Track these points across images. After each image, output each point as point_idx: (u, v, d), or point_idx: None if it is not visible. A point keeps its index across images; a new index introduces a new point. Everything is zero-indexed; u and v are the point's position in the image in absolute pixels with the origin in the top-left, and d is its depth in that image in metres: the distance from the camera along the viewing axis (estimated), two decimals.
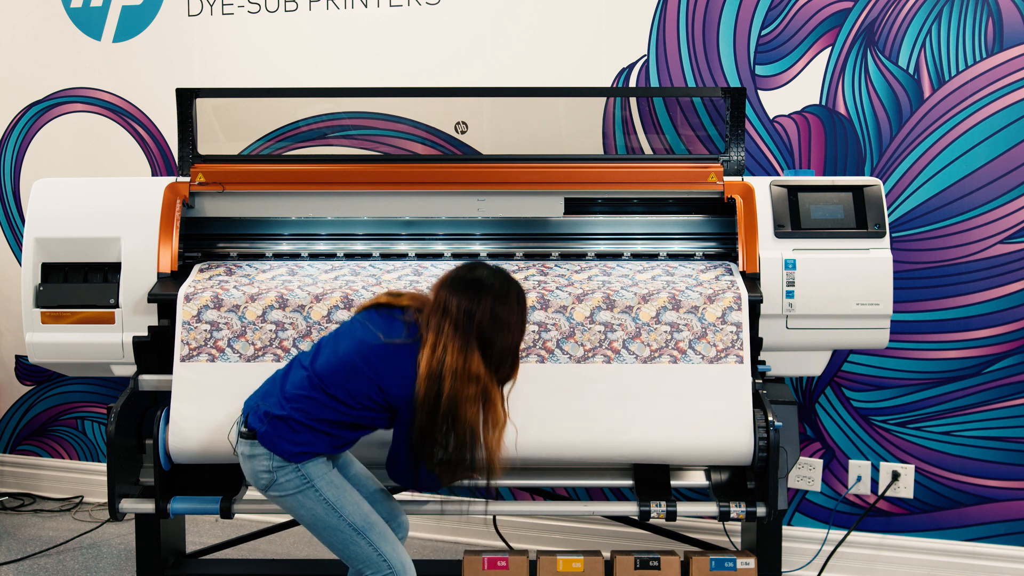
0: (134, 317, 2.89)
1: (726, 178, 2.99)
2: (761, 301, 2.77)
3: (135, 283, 2.89)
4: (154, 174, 4.11)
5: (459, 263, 2.89)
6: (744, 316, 2.72)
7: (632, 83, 3.56)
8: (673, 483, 2.82)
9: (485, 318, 2.33)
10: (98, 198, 2.98)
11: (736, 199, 2.93)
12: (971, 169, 3.25)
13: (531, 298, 2.76)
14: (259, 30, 3.89)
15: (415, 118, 3.74)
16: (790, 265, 2.84)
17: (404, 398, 2.32)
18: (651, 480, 2.78)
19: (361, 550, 2.39)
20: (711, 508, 2.71)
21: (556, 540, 3.69)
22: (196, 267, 2.93)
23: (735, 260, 2.92)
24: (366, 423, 2.40)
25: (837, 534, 3.42)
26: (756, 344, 2.79)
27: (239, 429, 2.41)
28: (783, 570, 3.08)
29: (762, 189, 2.94)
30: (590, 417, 2.69)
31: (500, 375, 2.40)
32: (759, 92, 3.44)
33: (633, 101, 3.54)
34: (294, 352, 2.74)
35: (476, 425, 2.33)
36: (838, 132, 3.37)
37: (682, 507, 2.70)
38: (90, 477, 4.32)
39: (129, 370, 2.93)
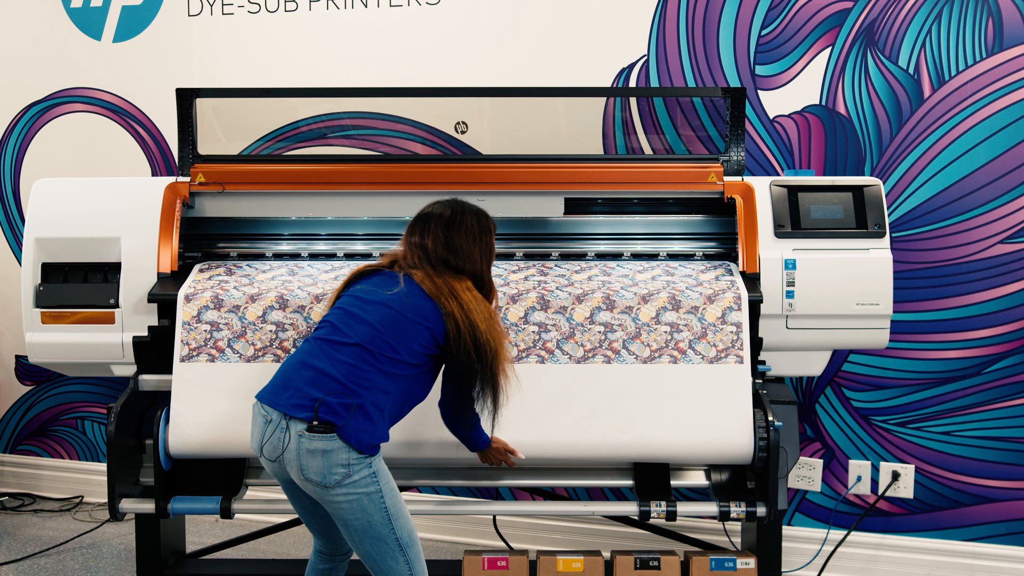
0: (134, 317, 2.90)
1: (726, 178, 2.99)
2: (761, 301, 2.78)
3: (135, 283, 2.89)
4: (154, 174, 4.11)
5: None
6: (744, 316, 2.72)
7: (632, 83, 3.56)
8: (673, 483, 2.82)
9: (439, 247, 2.41)
10: (98, 198, 2.98)
11: (736, 199, 2.93)
12: (971, 169, 3.25)
13: (531, 298, 2.76)
14: (259, 30, 3.89)
15: (415, 118, 3.74)
16: (790, 265, 2.84)
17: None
18: (651, 480, 2.79)
19: (397, 568, 2.30)
20: (711, 508, 2.71)
21: (556, 540, 3.68)
22: (196, 267, 2.93)
23: (735, 260, 2.92)
24: (418, 389, 2.38)
25: (837, 534, 3.42)
26: (756, 344, 2.79)
27: (296, 425, 2.22)
28: (783, 570, 3.08)
29: (762, 189, 2.94)
30: (590, 417, 2.69)
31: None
32: (759, 92, 3.44)
33: (633, 101, 3.54)
34: None
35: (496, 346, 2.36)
36: (838, 132, 3.37)
37: (682, 507, 2.70)
38: (90, 477, 4.32)
39: (129, 370, 2.93)
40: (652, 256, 2.98)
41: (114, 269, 2.94)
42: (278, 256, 3.02)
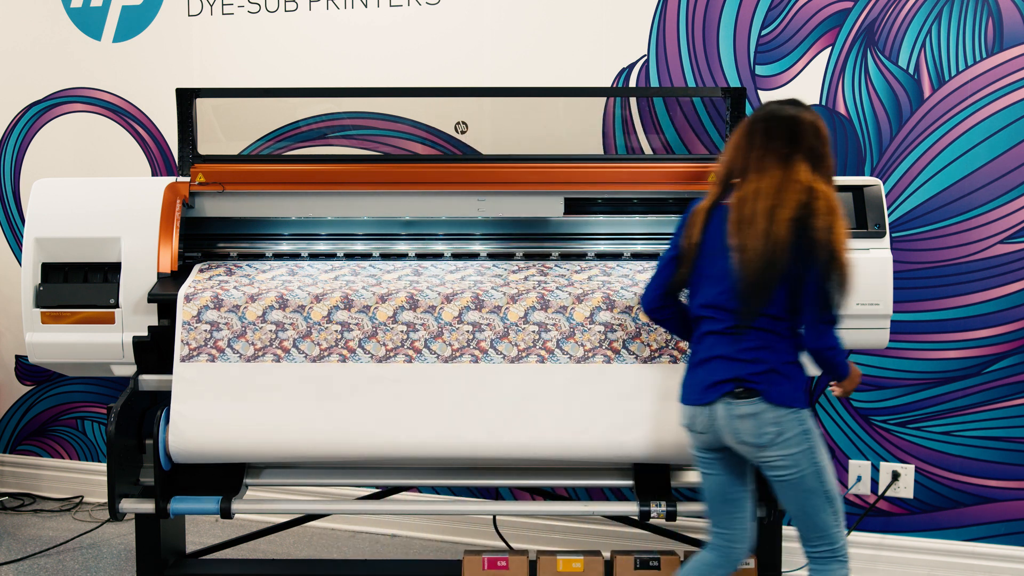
0: (134, 317, 2.89)
1: None
2: None
3: (135, 283, 2.89)
4: (154, 174, 4.11)
5: (457, 261, 2.90)
6: None
7: (632, 83, 3.56)
8: (673, 483, 2.82)
9: (783, 144, 2.32)
10: (98, 198, 2.98)
11: None
12: (971, 169, 3.25)
13: (531, 298, 2.76)
14: (259, 30, 3.89)
15: (415, 118, 3.74)
16: None
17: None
18: (651, 480, 2.78)
19: (827, 519, 2.36)
20: None
21: (556, 540, 3.68)
22: (196, 267, 2.93)
23: None
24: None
25: None
26: None
27: (723, 398, 2.33)
28: (783, 570, 3.08)
29: None
30: (590, 417, 2.69)
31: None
32: (759, 92, 3.44)
33: (633, 101, 3.54)
34: (294, 352, 2.74)
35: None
36: (838, 132, 3.37)
37: (682, 507, 2.70)
38: (90, 477, 4.32)
39: (129, 370, 2.93)
40: (652, 256, 2.98)
41: (114, 269, 2.93)
42: (278, 256, 3.02)
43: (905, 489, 3.38)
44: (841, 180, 2.94)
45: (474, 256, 3.00)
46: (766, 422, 2.31)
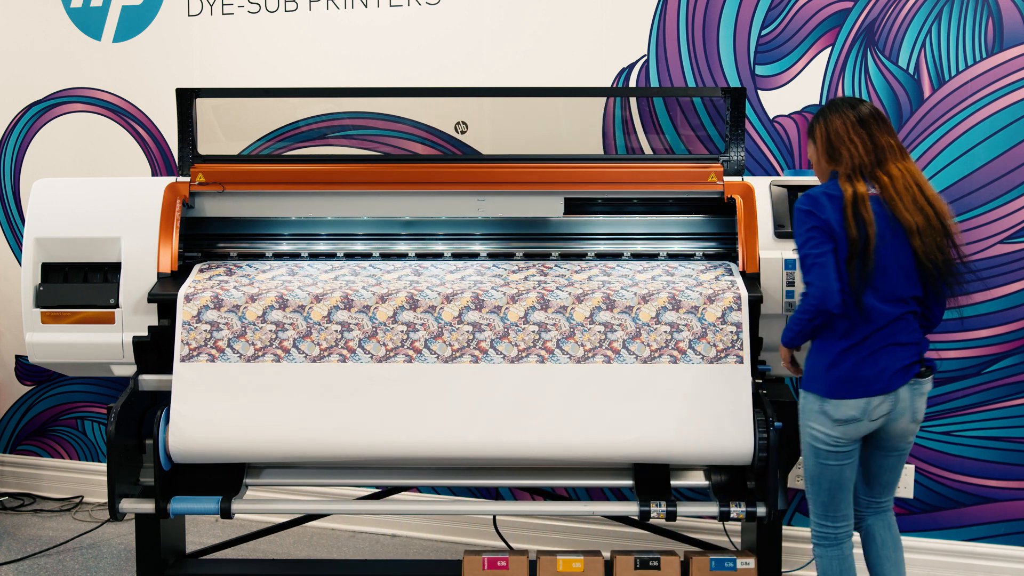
0: (134, 317, 2.90)
1: (726, 178, 2.99)
2: (761, 301, 2.78)
3: (135, 283, 2.89)
4: (154, 174, 4.11)
5: (457, 261, 2.90)
6: (744, 316, 2.72)
7: (632, 83, 3.56)
8: (673, 483, 2.82)
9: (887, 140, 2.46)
10: (98, 198, 2.99)
11: (736, 199, 2.93)
12: (971, 169, 3.25)
13: (531, 298, 2.76)
14: (259, 30, 3.89)
15: (415, 118, 3.74)
16: (790, 265, 2.84)
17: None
18: (651, 480, 2.79)
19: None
20: (711, 508, 2.71)
21: (556, 540, 3.68)
22: (196, 267, 2.93)
23: (735, 260, 2.92)
24: None
25: None
26: (756, 344, 2.79)
27: (909, 378, 2.44)
28: (783, 570, 3.07)
29: (762, 189, 2.94)
30: (590, 417, 2.69)
31: None
32: (759, 92, 3.44)
33: (633, 101, 3.54)
34: (294, 352, 2.74)
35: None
36: None
37: (682, 507, 2.70)
38: (90, 477, 4.32)
39: (129, 370, 2.93)
40: (652, 256, 2.98)
41: (114, 269, 2.94)
42: (278, 256, 3.02)
43: (905, 489, 3.38)
44: None
45: (474, 256, 3.00)
46: (927, 397, 2.52)
